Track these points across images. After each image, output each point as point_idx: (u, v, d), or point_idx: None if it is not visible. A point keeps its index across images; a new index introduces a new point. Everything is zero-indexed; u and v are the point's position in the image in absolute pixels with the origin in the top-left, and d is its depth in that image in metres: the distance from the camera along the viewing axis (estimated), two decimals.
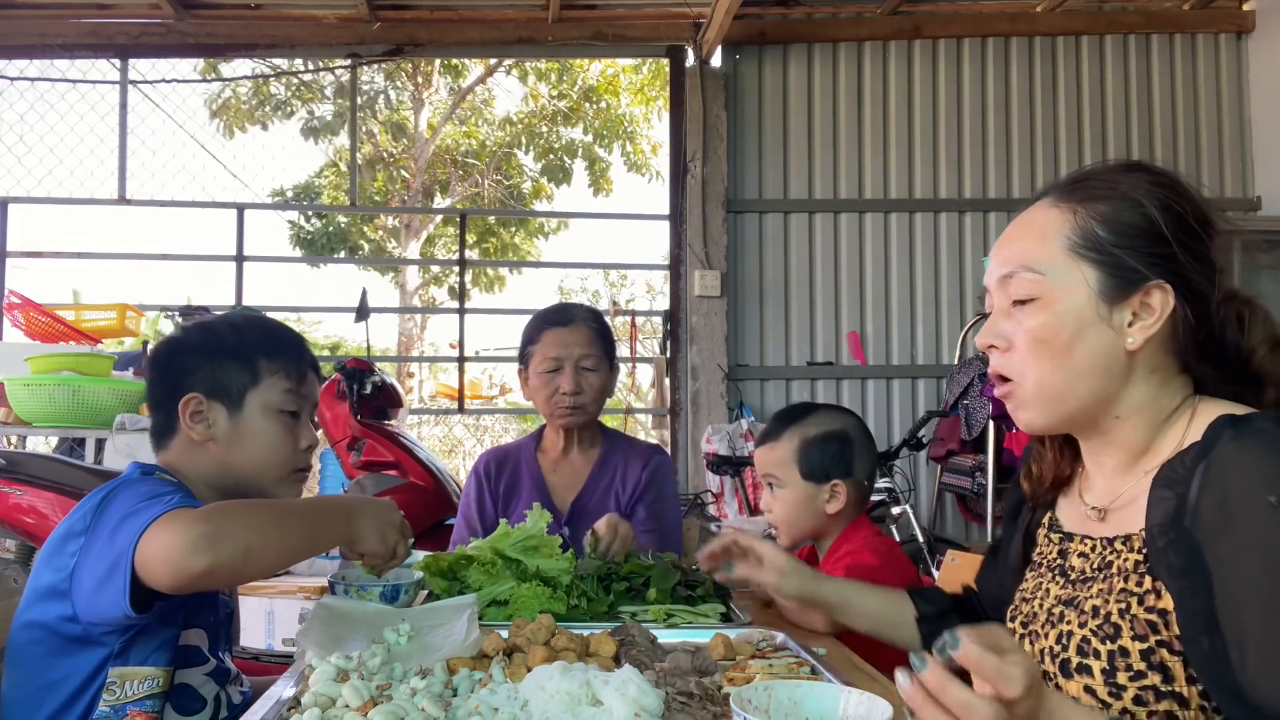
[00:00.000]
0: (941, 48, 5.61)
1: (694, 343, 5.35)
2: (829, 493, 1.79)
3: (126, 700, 1.23)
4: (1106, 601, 1.03)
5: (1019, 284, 1.07)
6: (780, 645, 1.33)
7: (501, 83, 13.21)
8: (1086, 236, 1.05)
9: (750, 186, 5.51)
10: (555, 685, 0.96)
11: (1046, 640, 1.09)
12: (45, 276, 13.74)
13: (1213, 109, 5.66)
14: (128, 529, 1.15)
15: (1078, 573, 1.12)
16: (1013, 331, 1.08)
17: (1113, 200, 1.05)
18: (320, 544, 1.33)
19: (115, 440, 3.47)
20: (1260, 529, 0.89)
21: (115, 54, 5.46)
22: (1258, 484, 0.90)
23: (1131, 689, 0.98)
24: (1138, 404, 1.06)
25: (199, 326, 1.53)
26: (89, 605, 1.20)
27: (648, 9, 5.46)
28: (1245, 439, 0.95)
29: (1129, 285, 1.03)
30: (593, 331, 2.17)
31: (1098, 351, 1.04)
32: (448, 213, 12.07)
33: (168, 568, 1.11)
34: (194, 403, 1.41)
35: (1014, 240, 1.11)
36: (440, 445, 9.64)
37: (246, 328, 1.50)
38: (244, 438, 1.42)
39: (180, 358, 1.46)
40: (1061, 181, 1.12)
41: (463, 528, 2.21)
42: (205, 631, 1.38)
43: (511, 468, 2.23)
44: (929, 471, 5.32)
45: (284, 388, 1.45)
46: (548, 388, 2.13)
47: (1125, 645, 0.99)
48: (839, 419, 1.84)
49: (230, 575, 1.22)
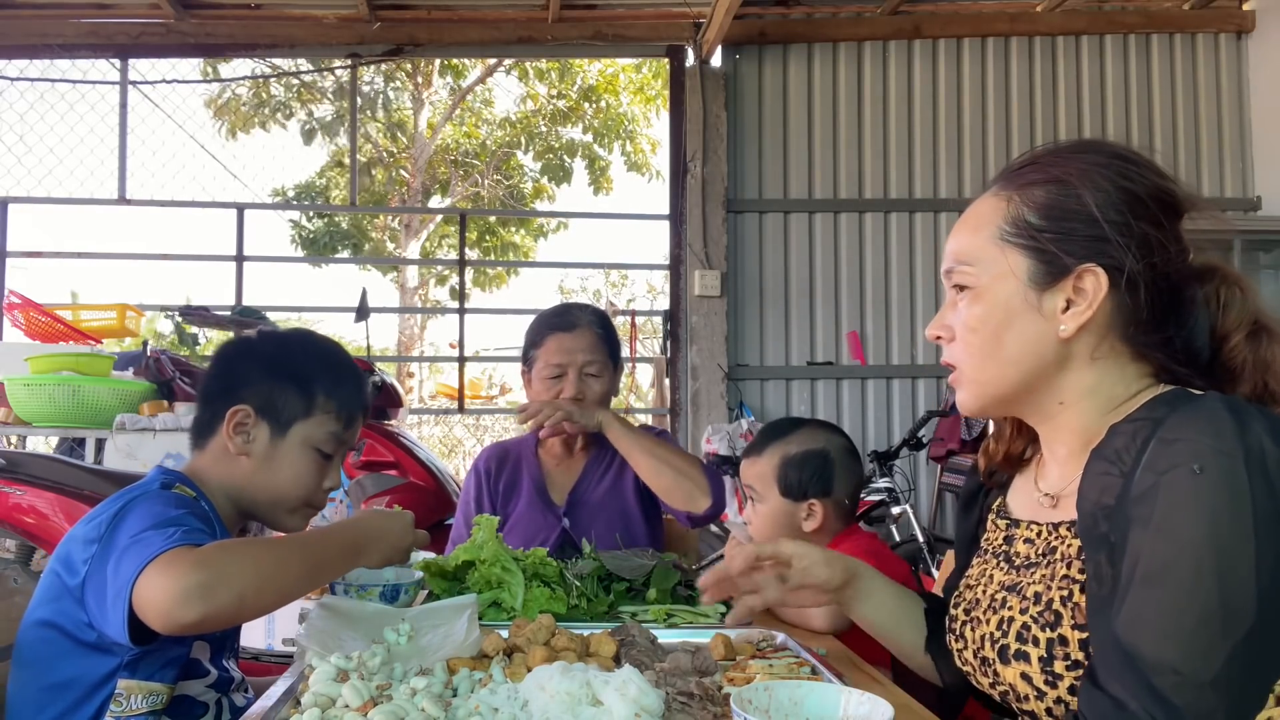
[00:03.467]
0: (941, 48, 5.61)
1: (694, 343, 5.35)
2: (806, 511, 1.80)
3: (131, 713, 1.23)
4: (1049, 588, 1.02)
5: (956, 277, 1.09)
6: (780, 645, 1.33)
7: (501, 83, 13.21)
8: (1016, 224, 1.04)
9: (750, 186, 5.51)
10: (555, 685, 0.96)
11: (987, 626, 1.09)
12: (45, 276, 13.75)
13: (1213, 109, 5.66)
14: (130, 561, 1.13)
15: (1022, 559, 1.11)
16: (954, 322, 1.10)
17: (1047, 185, 1.04)
18: (323, 580, 1.33)
19: (115, 440, 3.47)
20: (1173, 494, 0.88)
21: (115, 54, 5.46)
22: (1185, 454, 0.89)
23: (1068, 678, 0.98)
24: (1082, 390, 1.04)
25: (274, 338, 1.53)
26: (100, 620, 1.20)
27: (648, 9, 5.46)
28: (1187, 411, 0.93)
29: (1059, 271, 1.02)
30: (597, 336, 2.13)
31: (1028, 339, 1.04)
32: (448, 212, 12.07)
33: (160, 616, 1.10)
34: (241, 414, 1.40)
35: (955, 234, 1.12)
36: (440, 445, 9.64)
37: (317, 356, 1.48)
38: (276, 463, 1.41)
39: (245, 364, 1.45)
40: (1008, 167, 1.11)
41: (461, 525, 2.20)
42: (208, 644, 1.37)
43: (511, 465, 2.22)
44: (929, 471, 5.32)
45: (330, 430, 1.44)
46: (551, 393, 2.11)
47: (1065, 634, 0.98)
48: (822, 438, 1.84)
49: (223, 623, 1.20)
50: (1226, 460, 0.87)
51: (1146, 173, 1.04)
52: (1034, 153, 1.10)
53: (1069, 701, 0.98)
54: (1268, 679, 0.88)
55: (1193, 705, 0.84)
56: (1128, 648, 0.87)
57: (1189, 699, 0.84)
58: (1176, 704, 0.84)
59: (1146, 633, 0.87)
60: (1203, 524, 0.86)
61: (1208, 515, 0.86)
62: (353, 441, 1.50)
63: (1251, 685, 0.86)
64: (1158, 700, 0.85)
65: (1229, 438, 0.88)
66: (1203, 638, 0.85)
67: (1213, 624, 0.85)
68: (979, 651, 1.10)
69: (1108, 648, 0.90)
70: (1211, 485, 0.87)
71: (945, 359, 1.13)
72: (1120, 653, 0.88)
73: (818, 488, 1.80)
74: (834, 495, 1.81)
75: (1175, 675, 0.85)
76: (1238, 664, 0.84)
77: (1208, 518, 0.86)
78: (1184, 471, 0.88)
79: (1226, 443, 0.88)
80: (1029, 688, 1.01)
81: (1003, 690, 1.06)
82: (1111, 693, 0.88)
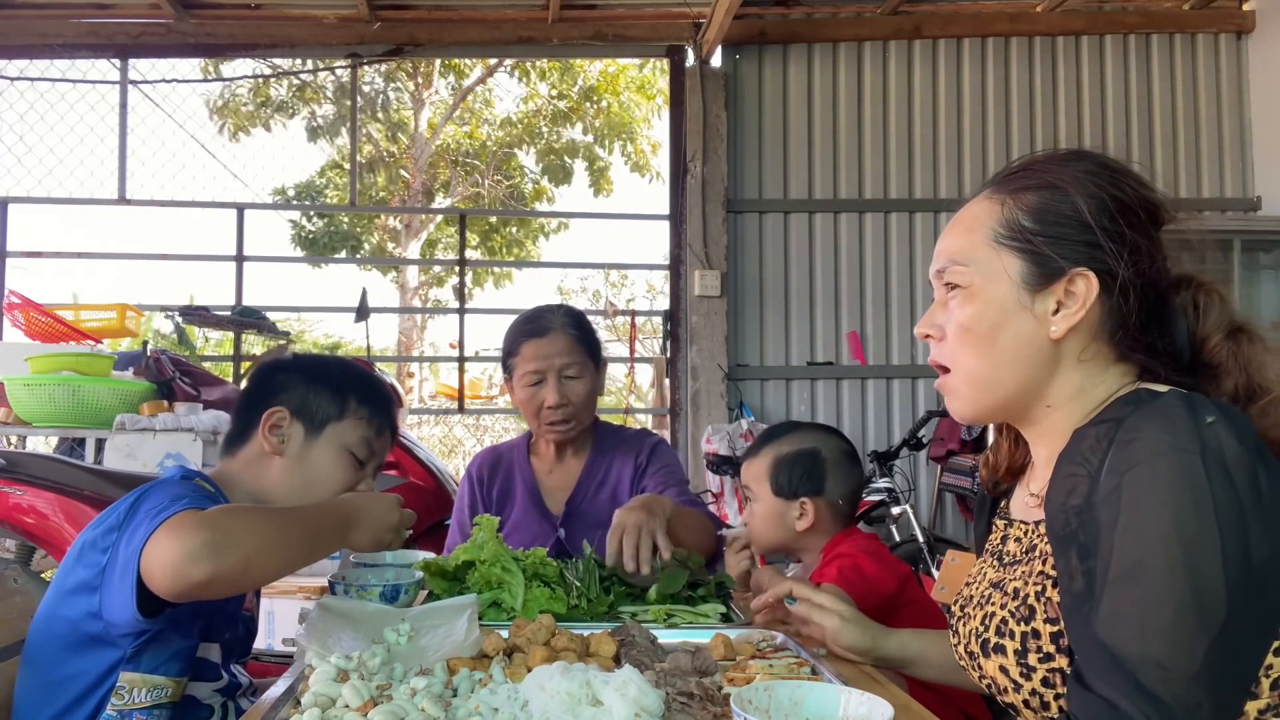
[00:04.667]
0: (941, 48, 5.61)
1: (694, 343, 5.35)
2: (798, 510, 1.82)
3: (133, 707, 1.23)
4: (1026, 584, 1.05)
5: (950, 275, 1.10)
6: (780, 645, 1.33)
7: (502, 83, 13.21)
8: (1010, 226, 1.06)
9: (750, 186, 5.51)
10: (555, 685, 0.96)
11: (974, 622, 1.11)
12: (45, 276, 13.75)
13: (1213, 109, 5.66)
14: (141, 532, 1.15)
15: (1010, 556, 1.13)
16: (945, 321, 1.11)
17: (1040, 190, 1.06)
18: (319, 553, 1.34)
19: (115, 440, 3.47)
20: (1135, 493, 0.90)
21: (115, 54, 5.46)
22: (1143, 452, 0.91)
23: (1041, 670, 1.00)
24: (1068, 393, 1.06)
25: (312, 356, 1.61)
26: (109, 603, 1.20)
27: (648, 9, 5.46)
28: (1145, 410, 0.95)
29: (1051, 274, 1.04)
30: (572, 338, 2.08)
31: (1020, 340, 1.05)
32: (448, 213, 12.07)
33: (168, 575, 1.11)
34: (277, 415, 1.45)
35: (948, 234, 1.14)
36: (440, 445, 9.64)
37: (353, 369, 1.57)
38: (309, 463, 1.45)
39: (281, 375, 1.50)
40: (1000, 172, 1.13)
41: (456, 532, 2.18)
42: (221, 647, 1.38)
43: (504, 471, 2.20)
44: (929, 471, 5.32)
45: (363, 433, 1.49)
46: (533, 401, 2.07)
47: (1038, 627, 1.00)
48: (815, 438, 1.87)
49: (229, 585, 1.21)
50: (1185, 456, 0.89)
51: (1134, 183, 1.07)
52: (1026, 159, 1.12)
53: (1043, 693, 1.00)
54: (1247, 669, 0.89)
55: (1181, 699, 0.85)
56: (1110, 647, 0.89)
57: (1177, 693, 0.85)
58: (1166, 700, 0.85)
59: (1126, 630, 0.88)
60: (1166, 520, 0.88)
61: (1171, 511, 0.88)
62: (383, 455, 1.54)
63: (1232, 676, 0.88)
64: (1148, 697, 0.86)
65: (1186, 434, 0.90)
66: (1182, 631, 0.86)
67: (1189, 617, 0.86)
68: (967, 646, 1.12)
69: (1090, 648, 0.91)
70: (1171, 482, 0.88)
71: (934, 358, 1.14)
72: (1104, 653, 0.89)
73: (808, 486, 1.82)
74: (826, 495, 1.83)
75: (1160, 670, 0.86)
76: (1218, 656, 0.86)
77: (1171, 513, 0.88)
78: (1144, 469, 0.90)
79: (1184, 438, 0.90)
80: (1007, 680, 1.04)
81: (986, 682, 1.09)
82: (1101, 694, 0.89)
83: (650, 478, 2.12)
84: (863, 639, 1.33)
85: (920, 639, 1.36)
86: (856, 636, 1.33)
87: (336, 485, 1.46)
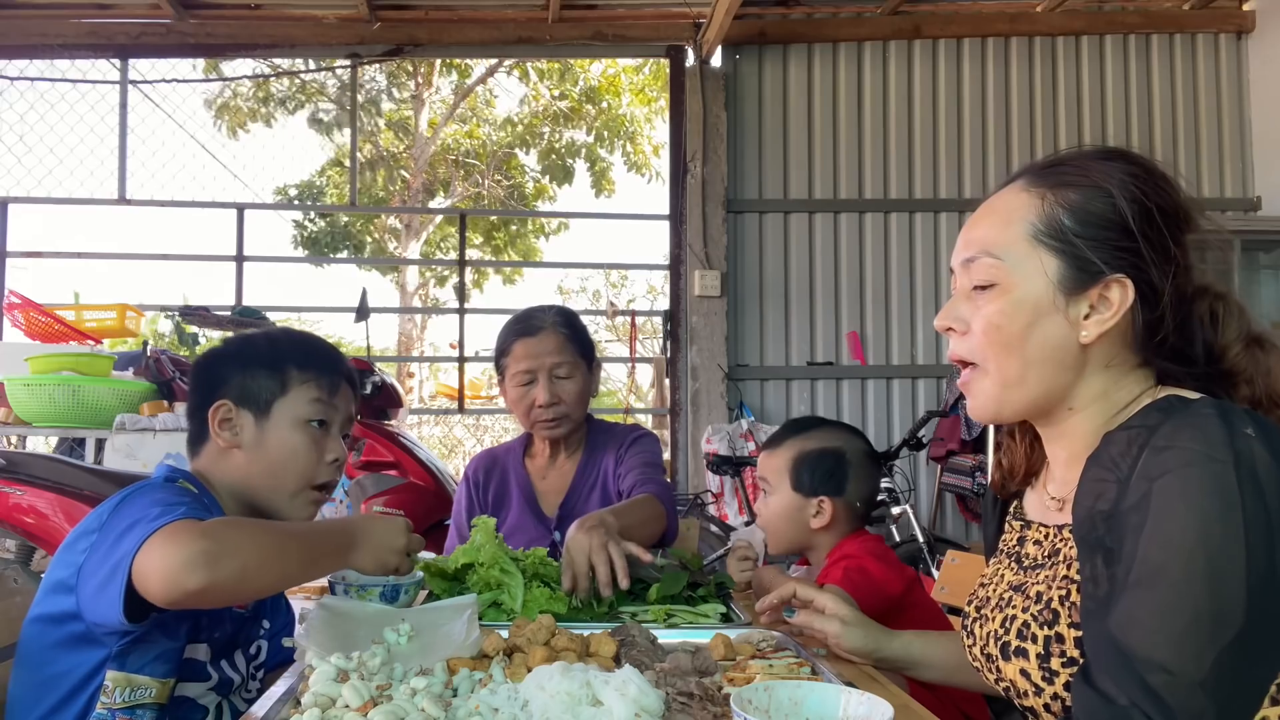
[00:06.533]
0: (941, 48, 5.61)
1: (694, 343, 5.35)
2: (816, 508, 1.81)
3: (119, 706, 1.23)
4: (1049, 587, 1.04)
5: (980, 268, 1.06)
6: (780, 645, 1.33)
7: (502, 83, 13.21)
8: (1051, 224, 1.03)
9: (750, 186, 5.51)
10: (555, 685, 0.96)
11: (993, 624, 1.10)
12: (45, 276, 13.72)
13: (1213, 109, 5.67)
14: (132, 536, 1.14)
15: (1030, 559, 1.12)
16: (970, 315, 1.07)
17: (1083, 189, 1.03)
18: (319, 571, 1.33)
19: (115, 440, 3.47)
20: (1164, 500, 0.89)
21: (115, 54, 5.46)
22: (1176, 461, 0.90)
23: (1064, 674, 0.99)
24: (1091, 397, 1.05)
25: (239, 338, 1.56)
26: (90, 605, 1.20)
27: (648, 9, 5.46)
28: (1179, 419, 0.93)
29: (1089, 278, 1.01)
30: (563, 337, 2.08)
31: (1051, 342, 1.03)
32: (448, 213, 12.07)
33: (163, 582, 1.10)
34: (223, 410, 1.42)
35: (980, 223, 1.09)
36: (440, 445, 9.64)
37: (282, 339, 1.53)
38: (268, 447, 1.43)
39: (217, 367, 1.47)
40: (1036, 164, 1.10)
41: (454, 534, 2.19)
42: (209, 646, 1.37)
43: (500, 474, 2.20)
44: (929, 471, 5.32)
45: (312, 397, 1.45)
46: (525, 400, 2.08)
47: (1061, 631, 1.00)
48: (840, 438, 1.85)
49: (224, 596, 1.20)
50: (1217, 466, 0.88)
51: (1173, 189, 1.04)
52: (1063, 153, 1.09)
53: (1065, 697, 0.99)
54: (1259, 681, 0.88)
55: (1184, 705, 0.85)
56: (1120, 645, 0.88)
57: (1181, 699, 0.85)
58: (1169, 703, 0.85)
59: (1138, 632, 0.88)
60: (1193, 529, 0.87)
61: (1198, 520, 0.87)
62: (347, 409, 1.51)
63: (1241, 688, 0.87)
64: (1151, 697, 0.86)
65: (1219, 444, 0.89)
66: (1193, 639, 0.85)
67: (1203, 626, 0.85)
68: (985, 648, 1.11)
69: (1101, 645, 0.91)
70: (1202, 491, 0.87)
71: (955, 353, 1.10)
72: (1113, 650, 0.89)
73: (830, 486, 1.80)
74: (845, 496, 1.81)
75: (1166, 674, 0.86)
76: (1227, 666, 0.85)
77: (1198, 522, 0.87)
78: (1175, 477, 0.89)
79: (1217, 449, 0.89)
80: (1027, 683, 1.03)
81: (1005, 686, 1.08)
82: (1102, 688, 0.89)
83: (624, 464, 2.11)
84: (865, 642, 1.33)
85: (923, 640, 1.35)
86: (859, 639, 1.33)
87: (304, 458, 1.44)
